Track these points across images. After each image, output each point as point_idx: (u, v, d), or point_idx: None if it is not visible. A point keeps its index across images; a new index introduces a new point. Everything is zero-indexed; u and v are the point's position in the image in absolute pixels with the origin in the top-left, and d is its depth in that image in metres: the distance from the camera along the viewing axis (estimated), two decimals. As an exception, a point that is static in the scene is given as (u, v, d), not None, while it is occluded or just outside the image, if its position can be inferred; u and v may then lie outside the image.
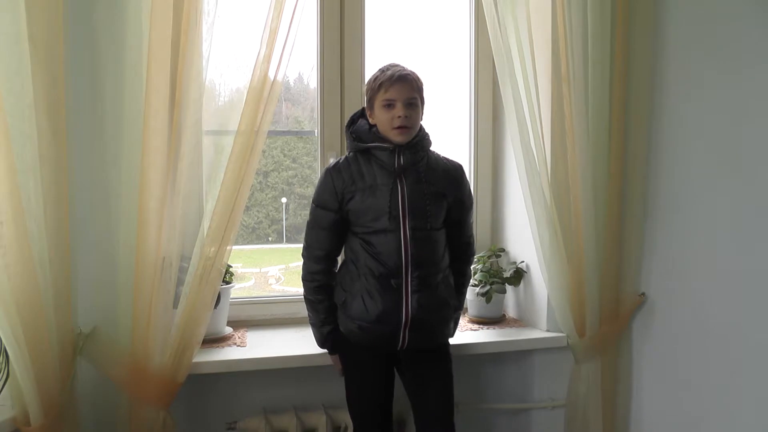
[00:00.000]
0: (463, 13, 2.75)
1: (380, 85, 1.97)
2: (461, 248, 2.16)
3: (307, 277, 2.10)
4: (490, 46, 2.25)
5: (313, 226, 2.08)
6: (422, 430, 2.12)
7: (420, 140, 2.04)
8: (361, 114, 2.10)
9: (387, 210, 1.97)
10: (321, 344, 2.15)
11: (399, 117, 1.96)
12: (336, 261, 2.13)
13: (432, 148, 2.11)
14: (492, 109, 2.75)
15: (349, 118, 2.12)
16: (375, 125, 2.03)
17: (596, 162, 2.28)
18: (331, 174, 2.04)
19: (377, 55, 2.56)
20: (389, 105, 1.97)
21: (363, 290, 2.00)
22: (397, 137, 1.98)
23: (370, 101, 2.02)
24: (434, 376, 2.11)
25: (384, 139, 2.00)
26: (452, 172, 2.11)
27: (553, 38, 2.26)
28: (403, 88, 1.96)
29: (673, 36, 2.22)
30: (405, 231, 1.98)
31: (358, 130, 2.05)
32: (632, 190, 2.34)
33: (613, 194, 2.33)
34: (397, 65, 2.02)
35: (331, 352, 2.16)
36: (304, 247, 2.11)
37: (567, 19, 2.18)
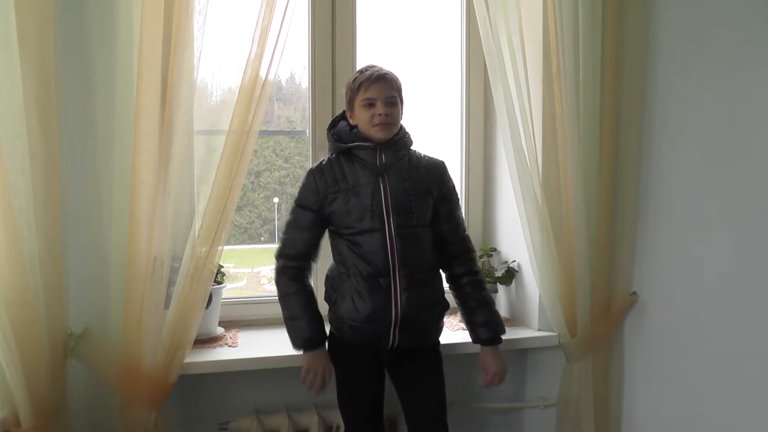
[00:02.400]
0: (455, 12, 2.75)
1: (360, 85, 1.99)
2: (460, 244, 2.14)
3: (279, 272, 2.06)
4: (482, 46, 2.25)
5: (291, 225, 2.07)
6: (416, 431, 2.12)
7: (401, 138, 2.05)
8: (342, 117, 2.11)
9: (370, 208, 1.98)
10: (293, 340, 2.05)
11: (380, 114, 1.97)
12: (309, 267, 2.09)
13: (414, 147, 2.12)
14: (483, 109, 2.75)
15: (330, 121, 2.14)
16: (356, 127, 2.04)
17: (588, 161, 2.28)
18: (314, 174, 2.05)
19: (369, 55, 2.56)
20: (370, 104, 1.98)
21: (352, 290, 2.00)
22: (378, 134, 1.99)
23: (350, 102, 2.03)
24: (426, 376, 2.11)
25: (365, 139, 2.02)
26: (434, 168, 2.11)
27: (544, 37, 2.27)
28: (382, 87, 1.98)
29: (664, 34, 2.23)
30: (390, 229, 1.98)
31: (339, 132, 2.06)
32: (624, 190, 2.35)
33: (605, 193, 2.33)
34: (375, 66, 2.04)
35: (305, 348, 2.05)
36: (277, 248, 2.09)
37: (558, 18, 2.19)
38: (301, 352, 2.06)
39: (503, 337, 2.16)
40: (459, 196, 2.18)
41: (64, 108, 1.89)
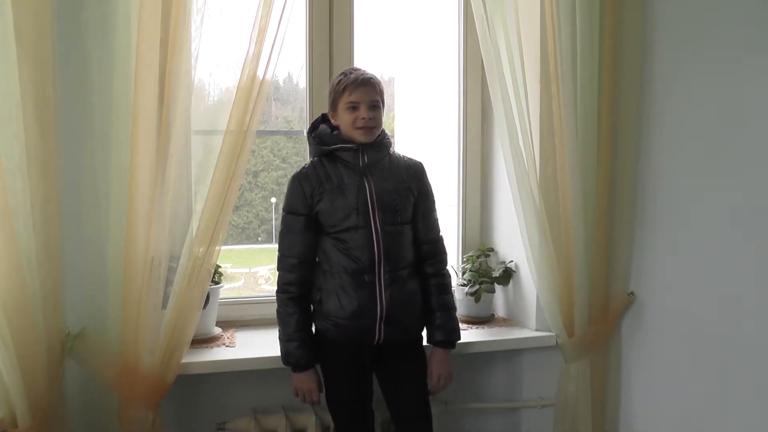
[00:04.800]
0: (452, 12, 2.75)
1: (344, 88, 2.02)
2: (433, 245, 2.17)
3: (281, 289, 2.11)
4: (479, 46, 2.25)
5: (286, 233, 2.09)
6: (402, 426, 2.15)
7: (382, 139, 2.10)
8: (322, 120, 2.14)
9: (355, 206, 2.01)
10: (285, 359, 2.08)
11: (363, 118, 2.01)
12: (311, 273, 2.11)
13: (393, 149, 2.17)
14: (481, 109, 2.75)
15: (310, 125, 2.16)
16: (337, 129, 2.08)
17: (585, 161, 2.28)
18: (298, 179, 2.08)
19: (366, 55, 2.56)
20: (353, 107, 2.02)
21: (337, 287, 2.03)
22: (361, 137, 2.04)
23: (334, 103, 2.07)
24: (410, 370, 2.15)
25: (347, 140, 2.05)
26: (414, 167, 2.16)
27: (541, 37, 2.27)
28: (366, 92, 2.02)
29: (662, 35, 2.23)
30: (376, 226, 2.02)
31: (321, 135, 2.09)
32: (621, 190, 2.35)
33: (602, 194, 2.33)
34: (359, 69, 2.08)
35: (293, 369, 2.09)
36: (278, 258, 2.11)
37: (555, 18, 2.19)
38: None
39: (458, 343, 2.21)
40: (435, 199, 2.20)
41: (61, 108, 1.89)
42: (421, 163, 2.19)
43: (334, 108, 2.07)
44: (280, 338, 2.10)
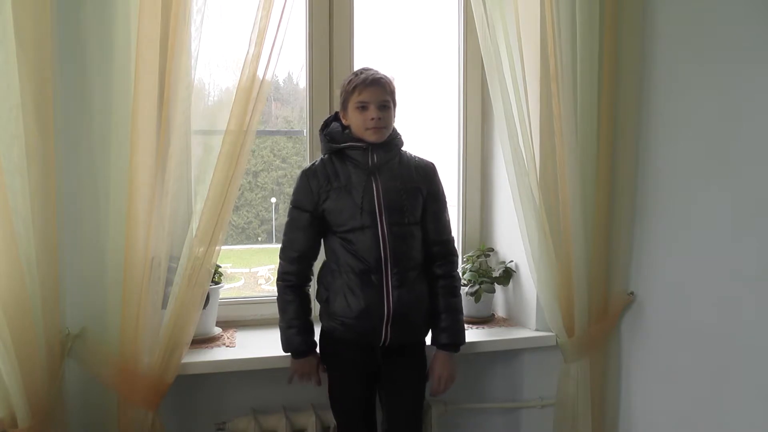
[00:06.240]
0: (452, 12, 2.75)
1: (354, 87, 2.02)
2: (444, 246, 2.17)
3: (280, 277, 2.12)
4: (479, 46, 2.25)
5: (291, 227, 2.10)
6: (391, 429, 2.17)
7: (392, 139, 2.10)
8: (335, 117, 2.15)
9: (360, 206, 2.01)
10: (285, 346, 2.11)
11: (372, 119, 2.01)
12: (311, 266, 2.15)
13: (405, 148, 2.16)
14: (481, 109, 2.76)
15: (322, 122, 2.16)
16: (348, 127, 2.08)
17: (585, 161, 2.28)
18: (307, 175, 2.08)
19: (366, 55, 2.56)
20: (363, 107, 2.02)
21: (345, 287, 2.03)
22: (371, 137, 2.03)
23: (344, 103, 2.07)
24: (410, 376, 2.16)
25: (358, 139, 2.05)
26: (424, 168, 2.16)
27: (541, 37, 2.27)
28: (376, 91, 2.02)
29: (661, 34, 2.23)
30: (382, 227, 2.02)
31: (332, 132, 2.10)
32: (621, 189, 2.35)
33: (602, 193, 2.33)
34: (370, 69, 2.07)
35: (293, 356, 2.12)
36: (280, 248, 2.13)
37: (555, 18, 2.19)
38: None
39: (463, 346, 2.20)
40: (447, 200, 2.21)
41: (61, 108, 1.89)
42: (432, 164, 2.18)
43: (344, 107, 2.07)
44: (280, 326, 2.12)
